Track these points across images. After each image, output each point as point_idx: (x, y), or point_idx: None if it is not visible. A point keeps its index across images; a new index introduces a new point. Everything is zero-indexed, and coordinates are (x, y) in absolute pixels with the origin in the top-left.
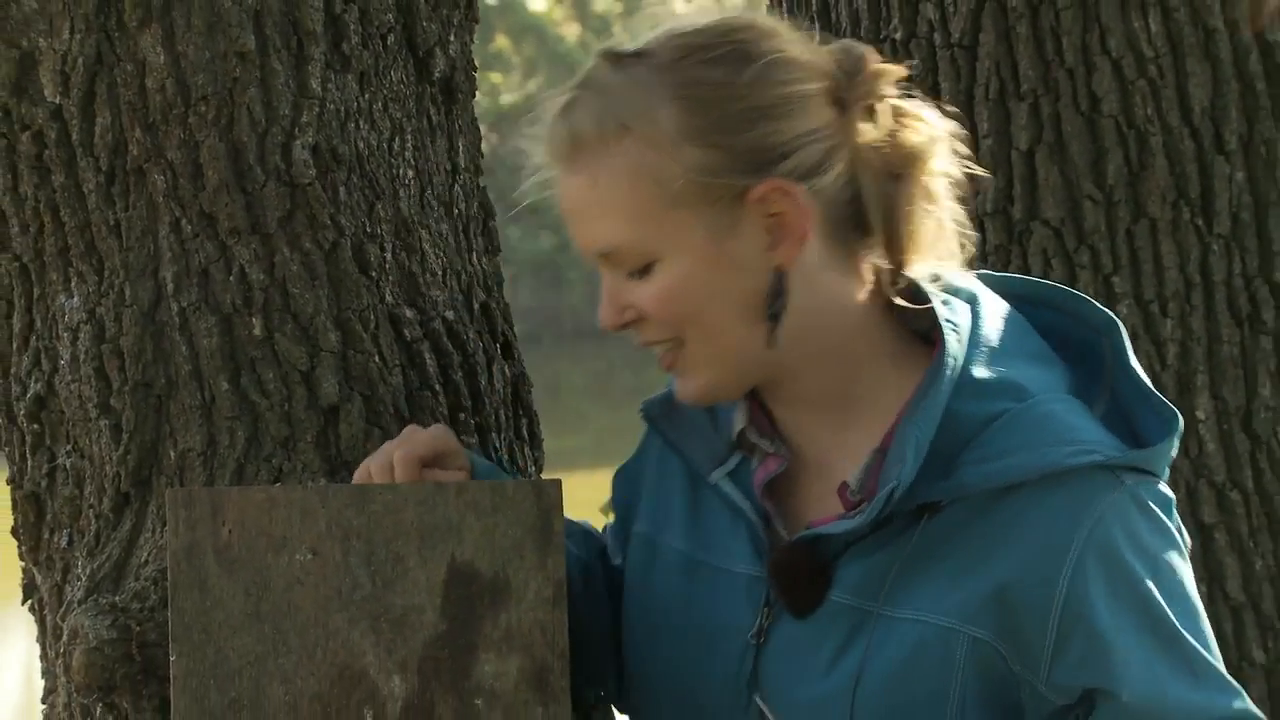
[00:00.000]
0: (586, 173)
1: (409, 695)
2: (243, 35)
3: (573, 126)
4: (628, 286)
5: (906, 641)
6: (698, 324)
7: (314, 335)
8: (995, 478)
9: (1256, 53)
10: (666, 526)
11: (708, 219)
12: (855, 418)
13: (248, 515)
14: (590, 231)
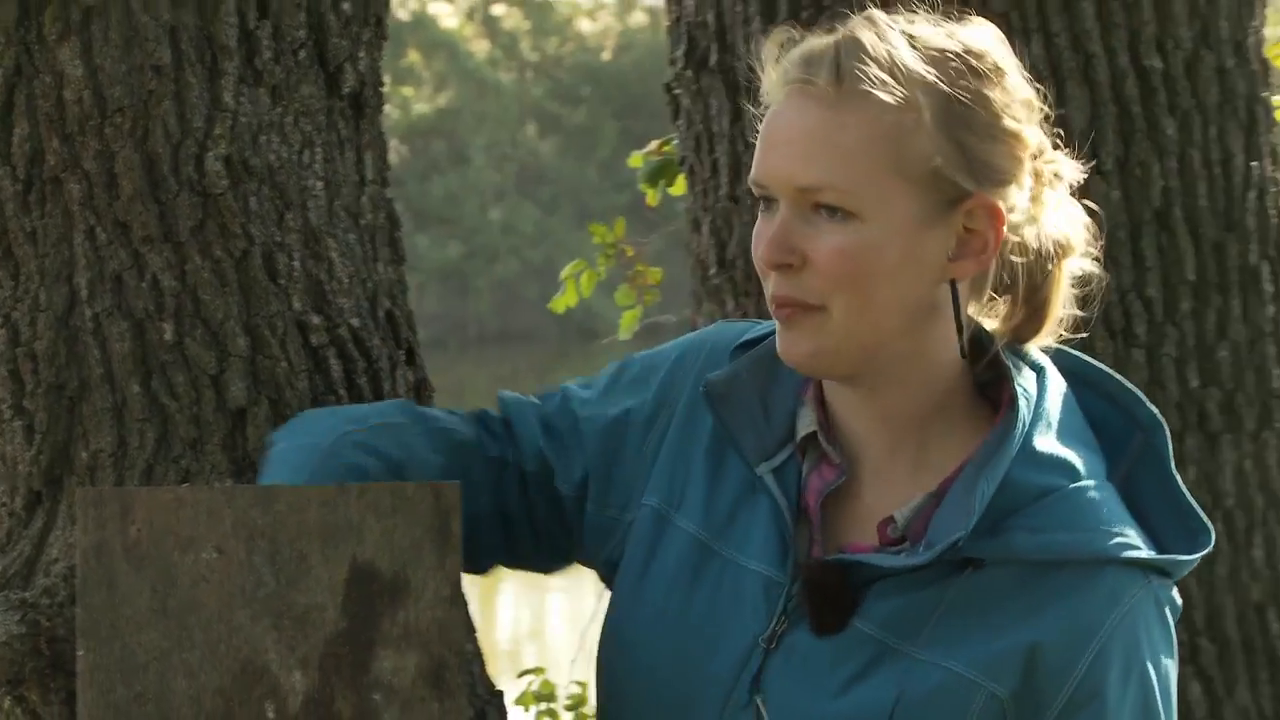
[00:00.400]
0: (836, 108)
1: (309, 690)
2: (159, 50)
3: (839, 61)
4: (805, 231)
5: (928, 684)
6: (856, 294)
7: (223, 340)
8: (1045, 551)
9: (1133, 76)
10: (681, 506)
11: (921, 204)
12: (918, 455)
13: (155, 515)
14: (807, 163)
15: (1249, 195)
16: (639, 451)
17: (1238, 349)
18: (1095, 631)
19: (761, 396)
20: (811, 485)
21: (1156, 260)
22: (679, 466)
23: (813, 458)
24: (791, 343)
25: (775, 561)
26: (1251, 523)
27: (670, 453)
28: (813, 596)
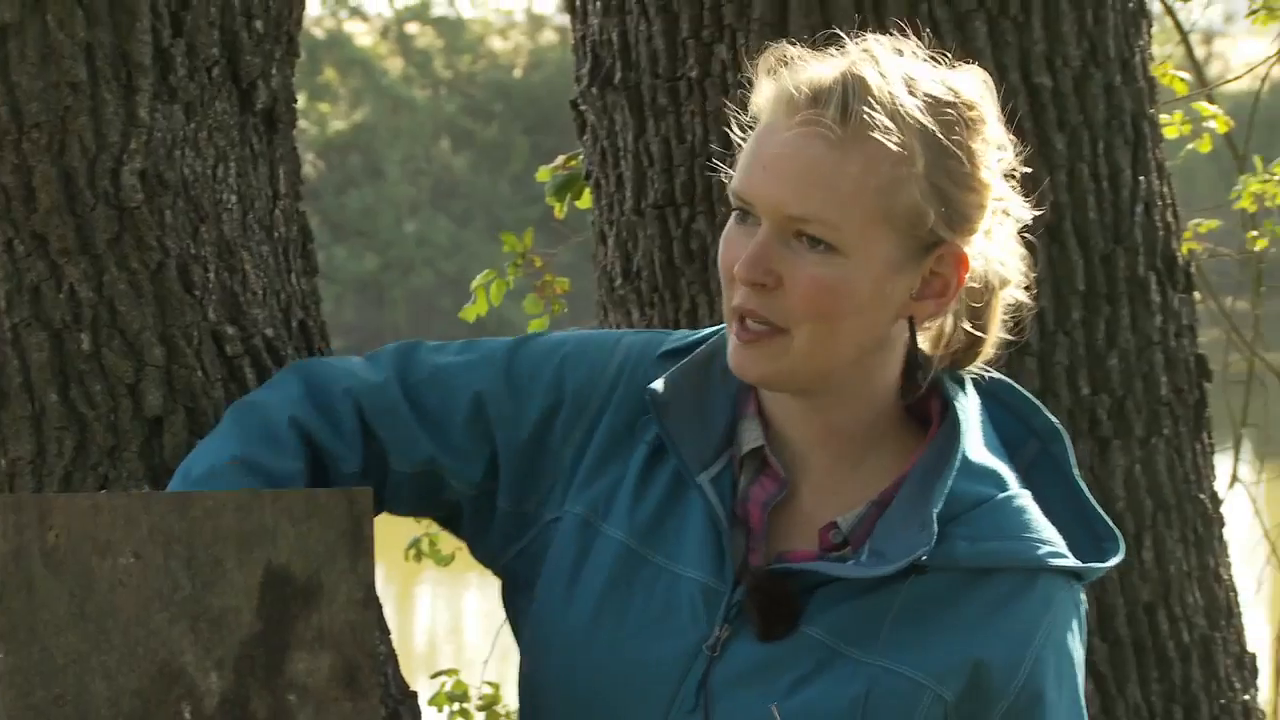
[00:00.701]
0: (839, 148)
1: (225, 691)
2: (74, 67)
3: (848, 102)
4: (784, 254)
5: (880, 687)
6: (823, 324)
7: (140, 350)
8: (984, 559)
9: (1024, 94)
10: (609, 515)
11: (898, 249)
12: (856, 467)
13: (74, 521)
14: (803, 195)
15: (1136, 209)
16: (557, 453)
17: (1127, 357)
18: (1032, 636)
19: (699, 406)
20: (754, 496)
21: (1048, 271)
22: (607, 474)
23: (751, 469)
24: (750, 360)
25: (712, 569)
26: (1141, 526)
27: (596, 458)
28: (761, 604)
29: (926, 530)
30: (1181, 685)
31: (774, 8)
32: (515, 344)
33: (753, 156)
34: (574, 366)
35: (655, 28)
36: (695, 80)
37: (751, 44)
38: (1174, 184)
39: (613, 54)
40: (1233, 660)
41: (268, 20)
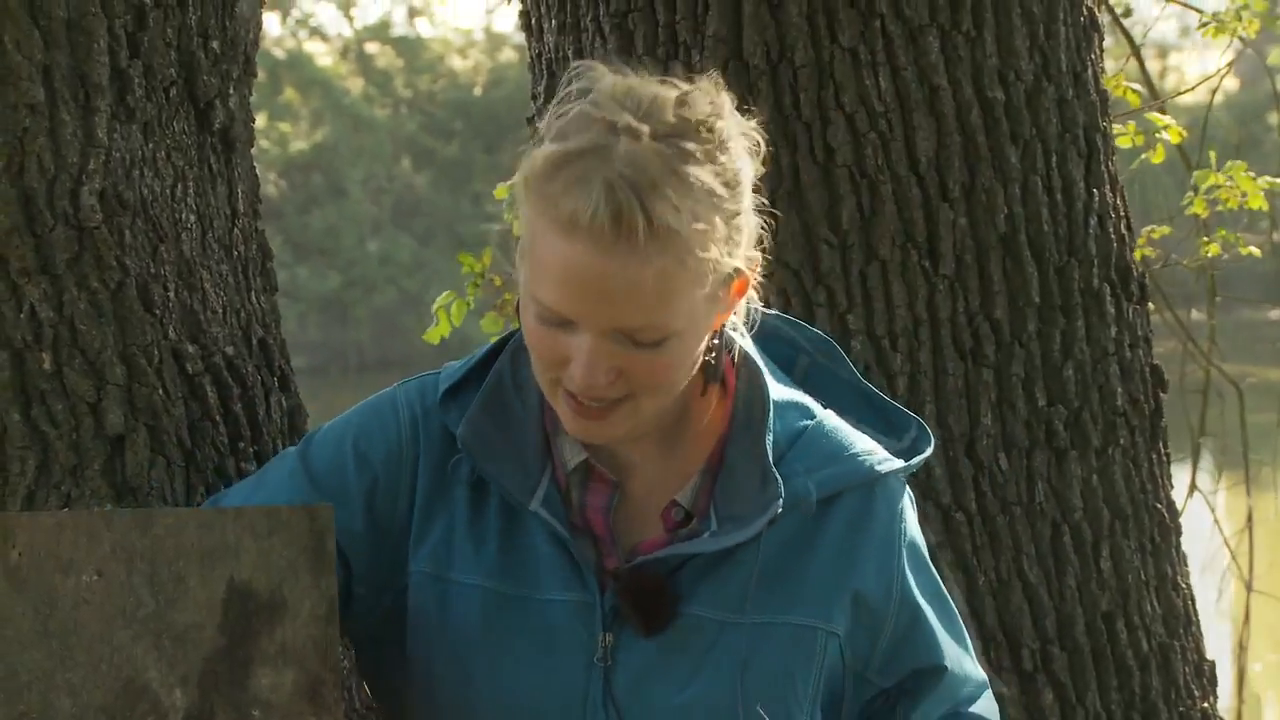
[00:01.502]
0: (647, 260)
1: (190, 707)
2: (32, 88)
3: (651, 212)
4: (618, 354)
5: (781, 641)
6: (667, 391)
7: (101, 369)
8: (824, 488)
9: (978, 108)
10: (453, 562)
11: (710, 296)
12: (676, 446)
13: (37, 539)
14: (631, 310)
15: (1090, 221)
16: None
17: (1083, 368)
18: (892, 546)
19: (508, 438)
20: (591, 504)
21: (1003, 284)
22: (436, 522)
23: (579, 478)
24: (597, 429)
25: (574, 586)
26: (1099, 535)
27: (423, 512)
28: (636, 601)
29: (771, 485)
30: (1141, 693)
31: (728, 24)
32: (300, 454)
33: (559, 273)
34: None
35: (610, 45)
36: None
37: (705, 60)
38: (1128, 195)
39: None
40: (1191, 668)
41: (224, 41)
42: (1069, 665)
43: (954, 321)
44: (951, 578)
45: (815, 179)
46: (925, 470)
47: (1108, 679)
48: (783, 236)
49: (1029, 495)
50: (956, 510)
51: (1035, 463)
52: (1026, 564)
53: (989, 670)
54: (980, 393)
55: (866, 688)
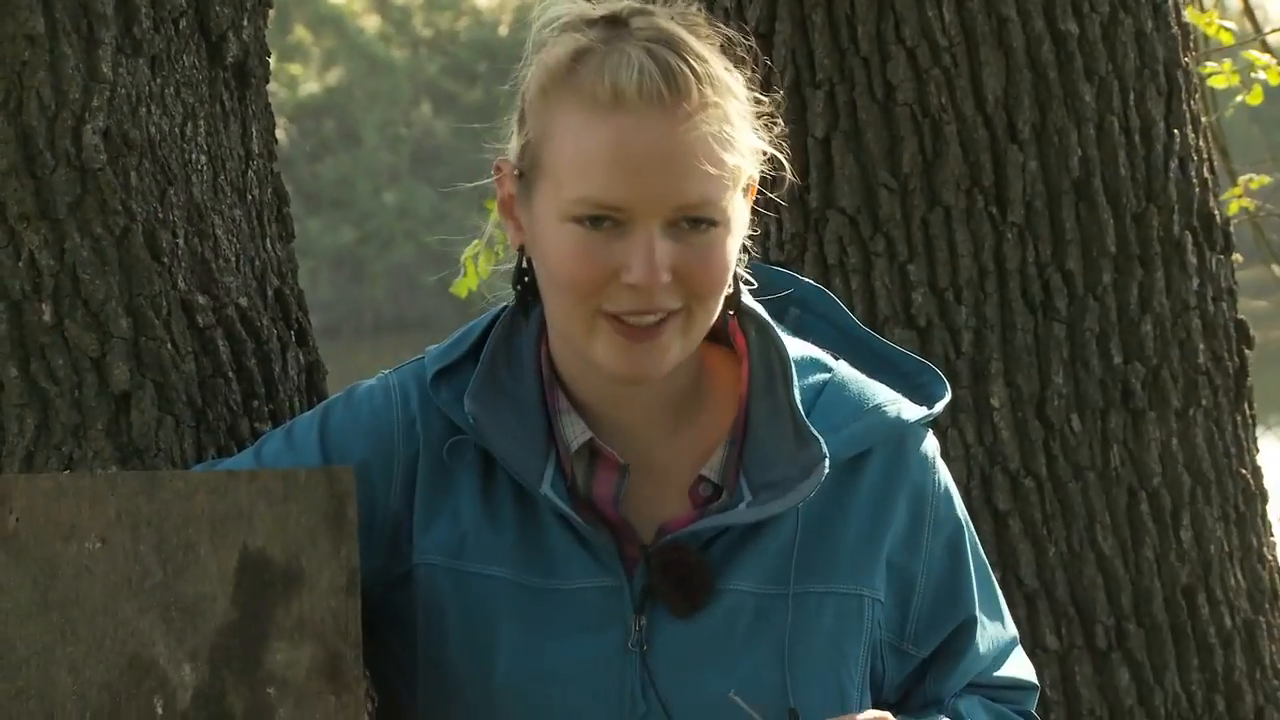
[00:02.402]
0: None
1: (200, 684)
2: (31, 18)
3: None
4: (671, 247)
5: (827, 612)
6: (715, 296)
7: (105, 322)
8: (852, 446)
9: (1049, 42)
10: (469, 553)
11: (738, 199)
12: (693, 418)
13: (36, 503)
14: (685, 182)
15: (1170, 164)
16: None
17: (1162, 323)
18: (926, 498)
19: (514, 417)
20: (599, 491)
21: (1076, 232)
22: (443, 514)
23: (584, 464)
24: (644, 357)
25: (596, 570)
26: (1179, 503)
27: (425, 505)
28: (676, 578)
29: (812, 444)
30: (1224, 673)
31: None
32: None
33: (605, 156)
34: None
35: None
36: None
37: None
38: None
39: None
40: (1278, 646)
41: None
42: (1146, 643)
43: (1023, 273)
44: (1020, 548)
45: (874, 118)
46: (992, 433)
47: (1188, 658)
48: (838, 180)
49: (1104, 460)
50: (1026, 476)
51: (1110, 425)
52: (1101, 534)
53: (1061, 646)
54: (1051, 349)
55: (905, 662)
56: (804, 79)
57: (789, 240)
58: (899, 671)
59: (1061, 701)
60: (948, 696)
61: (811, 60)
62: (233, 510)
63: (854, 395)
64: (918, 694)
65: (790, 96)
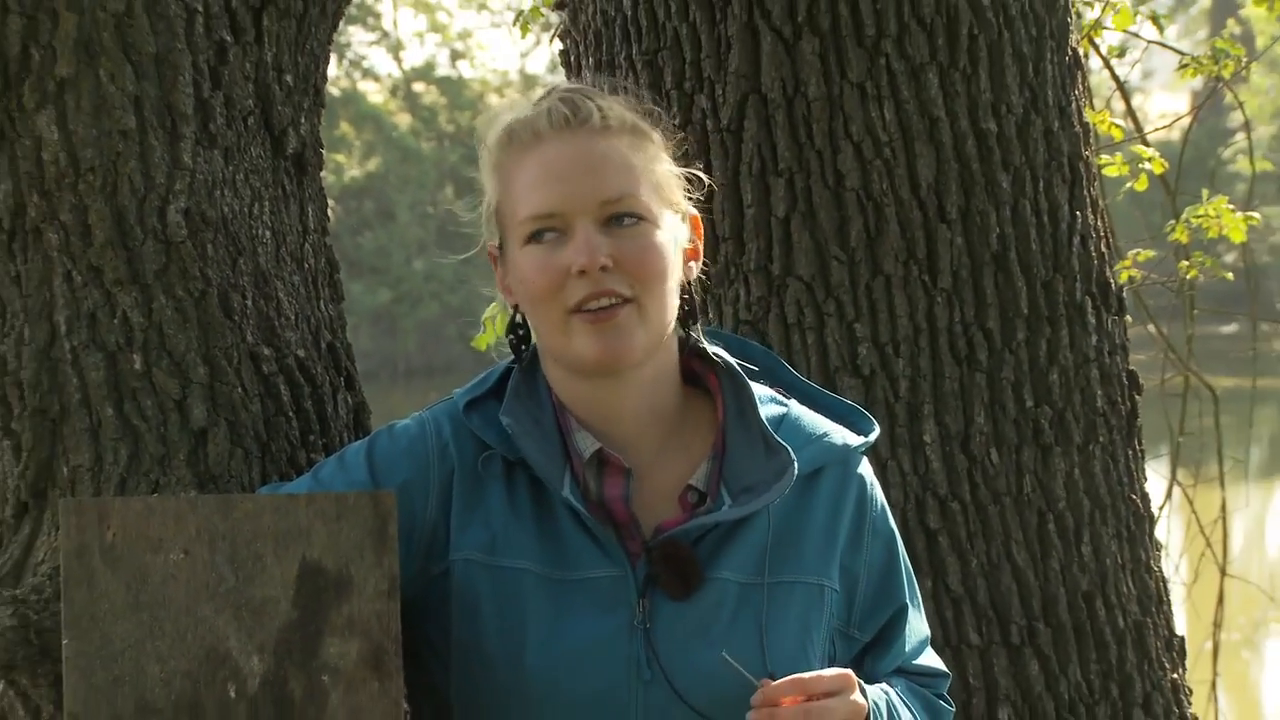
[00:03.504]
0: (609, 139)
1: (266, 672)
2: (125, 116)
3: (599, 103)
4: (606, 241)
5: (796, 599)
6: (660, 287)
7: (186, 369)
8: (814, 462)
9: (973, 138)
10: (502, 550)
11: (669, 217)
12: (678, 439)
13: (129, 521)
14: (609, 179)
15: (1074, 240)
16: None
17: (1066, 373)
18: (866, 508)
19: (539, 431)
20: (610, 494)
21: (995, 297)
22: (476, 518)
23: (594, 471)
24: (611, 337)
25: (605, 563)
26: (1080, 523)
27: (464, 513)
28: (674, 568)
29: (780, 453)
30: (1117, 665)
31: (748, 62)
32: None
33: (537, 178)
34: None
35: (641, 79)
36: (678, 126)
37: (728, 94)
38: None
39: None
40: (1162, 643)
41: (297, 75)
42: (1053, 640)
43: (951, 330)
44: (948, 560)
45: (826, 201)
46: (925, 464)
47: (1088, 652)
48: (796, 253)
49: (1018, 487)
50: (953, 500)
51: (1023, 458)
52: (1015, 549)
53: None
54: (974, 394)
55: (850, 645)
56: (768, 168)
57: (755, 303)
58: (846, 654)
59: (982, 689)
60: (881, 676)
61: (775, 152)
62: (294, 528)
63: (807, 424)
64: (858, 674)
65: (756, 183)
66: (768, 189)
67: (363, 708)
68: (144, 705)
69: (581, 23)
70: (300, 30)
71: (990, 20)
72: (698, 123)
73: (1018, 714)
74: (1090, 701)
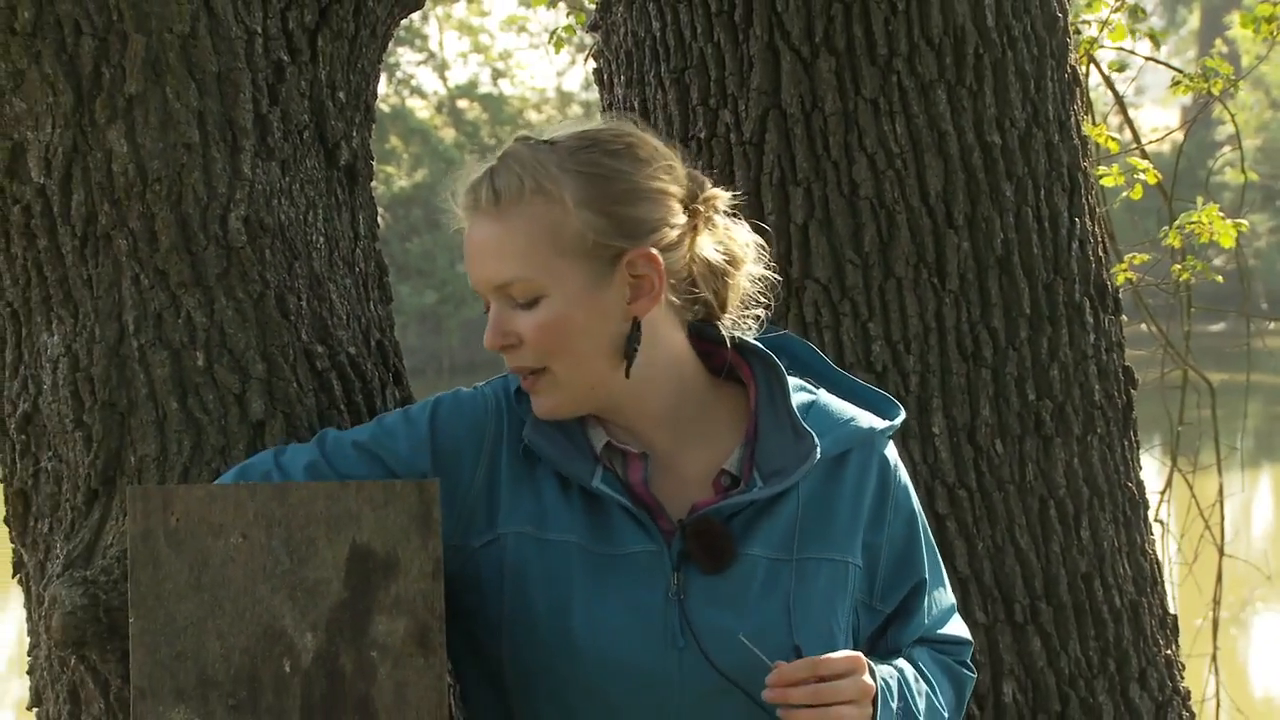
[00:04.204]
0: (501, 220)
1: (319, 649)
2: (189, 130)
3: (494, 184)
4: (513, 316)
5: (822, 575)
6: (567, 354)
7: (245, 366)
8: (840, 445)
9: (979, 150)
10: (550, 526)
11: (588, 271)
12: (705, 426)
13: (192, 507)
14: (494, 267)
15: (1073, 245)
16: (467, 490)
17: (1066, 369)
18: (888, 488)
19: (564, 436)
20: (633, 479)
21: (999, 297)
22: (524, 495)
23: (618, 459)
24: (538, 404)
25: (643, 539)
26: (1079, 509)
27: (510, 488)
28: (707, 543)
29: (806, 438)
30: (1114, 642)
31: (769, 79)
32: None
33: (465, 257)
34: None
35: (670, 96)
36: (704, 139)
37: (751, 109)
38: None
39: (633, 119)
40: (1157, 621)
41: (349, 92)
42: (1054, 618)
43: (958, 329)
44: (956, 544)
45: (842, 208)
46: (934, 454)
47: (1087, 630)
48: (814, 257)
49: (1021, 475)
50: (960, 488)
51: (1026, 448)
52: (1019, 533)
53: (987, 620)
54: (980, 389)
55: (873, 617)
56: (788, 178)
57: (776, 304)
58: (869, 625)
59: (987, 664)
60: (904, 647)
61: (794, 164)
62: (344, 513)
63: (835, 410)
64: (881, 644)
65: (777, 192)
66: (787, 198)
67: (409, 682)
68: (205, 679)
69: (614, 43)
70: (352, 51)
71: (995, 40)
72: (722, 136)
73: (1021, 688)
74: (1089, 676)
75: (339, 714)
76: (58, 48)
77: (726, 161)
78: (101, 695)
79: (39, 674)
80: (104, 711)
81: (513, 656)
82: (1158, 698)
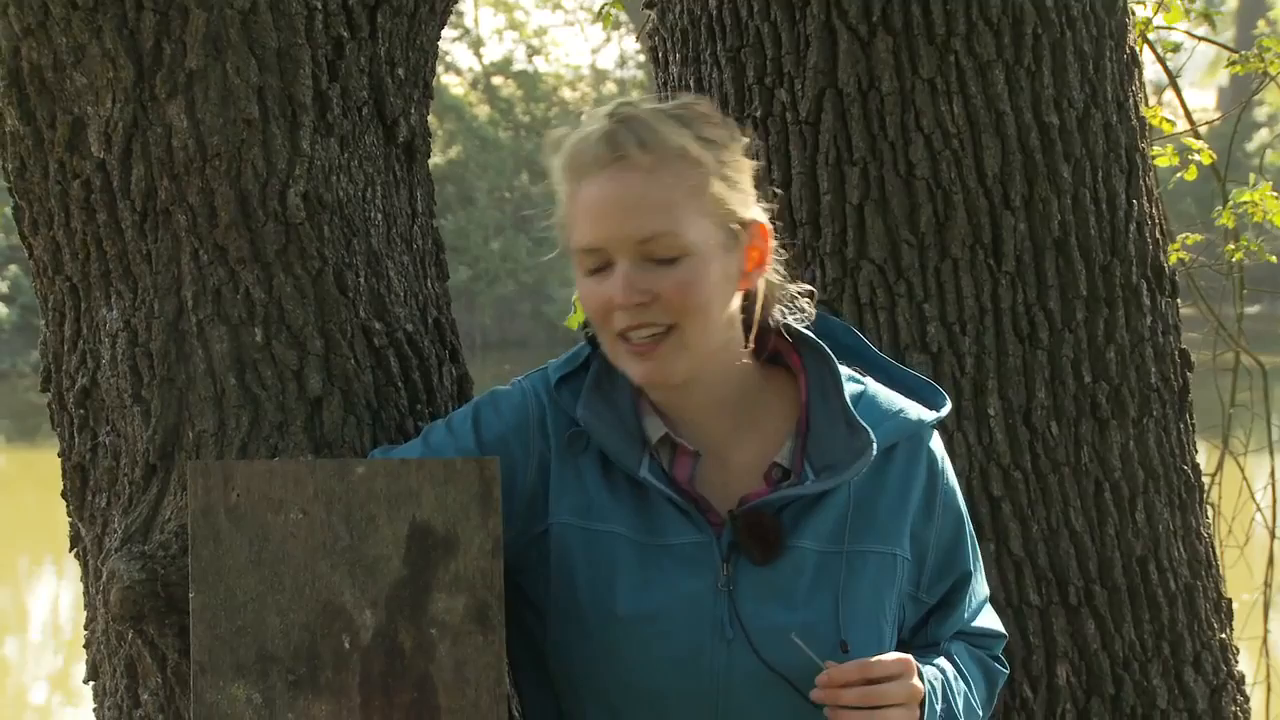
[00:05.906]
0: (651, 174)
1: (378, 626)
2: (249, 106)
3: (641, 138)
4: (647, 276)
5: (870, 567)
6: (701, 314)
7: (303, 342)
8: (887, 439)
9: (1036, 130)
10: (597, 516)
11: (721, 236)
12: (756, 418)
13: (252, 483)
14: (639, 220)
15: (1130, 227)
16: (520, 482)
17: (1123, 351)
18: (937, 481)
19: (616, 418)
20: (678, 475)
21: (1055, 279)
22: (570, 486)
23: (666, 451)
24: (654, 366)
25: (691, 531)
26: (1135, 492)
27: (558, 480)
28: (757, 534)
29: (861, 433)
30: (1169, 625)
31: (826, 58)
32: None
33: (584, 212)
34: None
35: (725, 74)
36: (759, 118)
37: (807, 88)
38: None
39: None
40: (1211, 604)
41: (408, 69)
42: (1109, 601)
43: (1014, 311)
44: (1010, 526)
45: (898, 189)
46: (989, 436)
47: (1141, 613)
48: (870, 237)
49: (1076, 458)
50: (1015, 470)
51: (1081, 430)
52: (1073, 515)
53: (1041, 602)
54: (1035, 371)
55: (918, 608)
56: (844, 158)
57: (831, 284)
58: (913, 615)
59: (1041, 646)
60: (943, 639)
61: (850, 144)
62: (404, 490)
63: (883, 401)
64: (921, 635)
65: (833, 171)
66: (843, 177)
67: (468, 659)
68: (264, 654)
69: (669, 21)
70: (411, 27)
71: (1053, 20)
72: (778, 115)
73: (1075, 671)
74: (1143, 659)
75: (398, 690)
76: (119, 23)
77: (782, 141)
78: (159, 669)
79: (96, 647)
80: (161, 685)
81: (557, 646)
82: (1212, 681)
